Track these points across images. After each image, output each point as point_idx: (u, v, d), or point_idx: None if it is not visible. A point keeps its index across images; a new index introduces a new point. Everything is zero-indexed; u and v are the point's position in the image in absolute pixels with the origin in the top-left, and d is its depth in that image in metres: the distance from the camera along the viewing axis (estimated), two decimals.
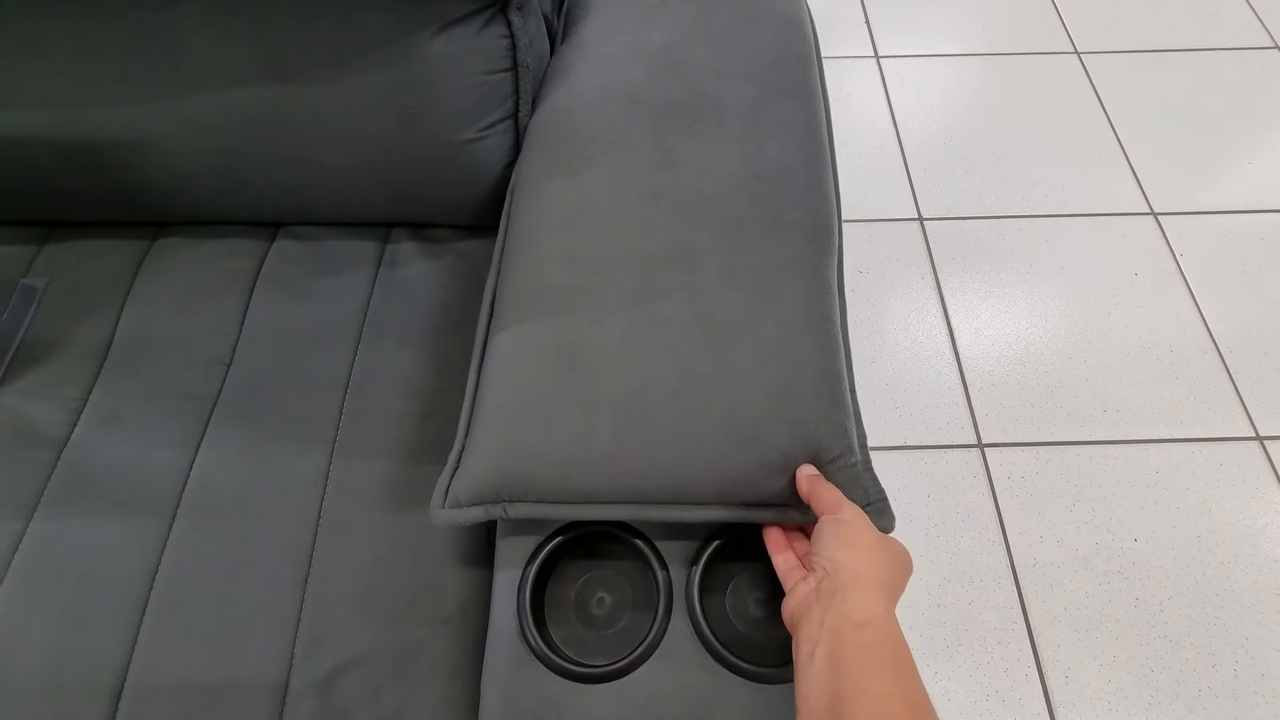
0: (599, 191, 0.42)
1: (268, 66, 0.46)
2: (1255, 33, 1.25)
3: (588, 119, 0.46)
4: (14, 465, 0.47)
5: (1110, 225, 1.05)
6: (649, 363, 0.37)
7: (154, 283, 0.55)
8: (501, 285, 0.43)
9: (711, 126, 0.44)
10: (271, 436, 0.48)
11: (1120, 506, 0.85)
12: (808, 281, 0.39)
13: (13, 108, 0.47)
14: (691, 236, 0.40)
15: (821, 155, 0.45)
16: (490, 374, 0.40)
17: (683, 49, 0.48)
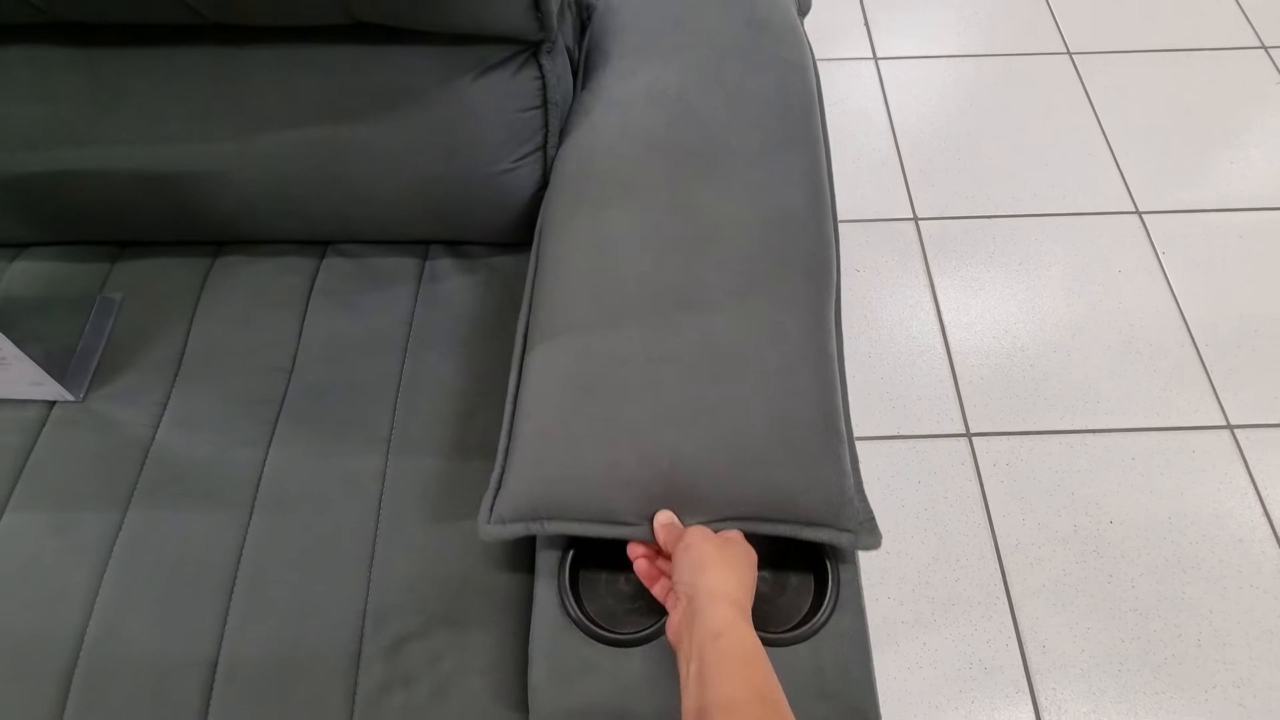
0: (619, 232, 0.47)
1: (326, 108, 0.51)
2: (1243, 32, 1.29)
3: (609, 164, 0.51)
4: (108, 464, 0.54)
5: (1097, 224, 1.11)
6: (665, 395, 0.42)
7: (219, 297, 0.61)
8: (533, 320, 0.49)
9: (722, 172, 0.49)
10: (333, 437, 0.54)
11: (1097, 491, 0.91)
12: (808, 320, 0.44)
13: (99, 144, 0.52)
14: (703, 276, 0.45)
15: (822, 200, 0.50)
16: (524, 403, 0.45)
17: (695, 95, 0.53)
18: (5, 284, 0.62)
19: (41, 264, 0.63)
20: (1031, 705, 0.80)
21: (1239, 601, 0.85)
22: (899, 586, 0.87)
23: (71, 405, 0.57)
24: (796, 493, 0.42)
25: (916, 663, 0.82)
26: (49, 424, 0.56)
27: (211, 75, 0.51)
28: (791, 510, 0.42)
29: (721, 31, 0.56)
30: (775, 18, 0.57)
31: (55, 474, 0.54)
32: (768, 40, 0.56)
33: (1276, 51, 1.26)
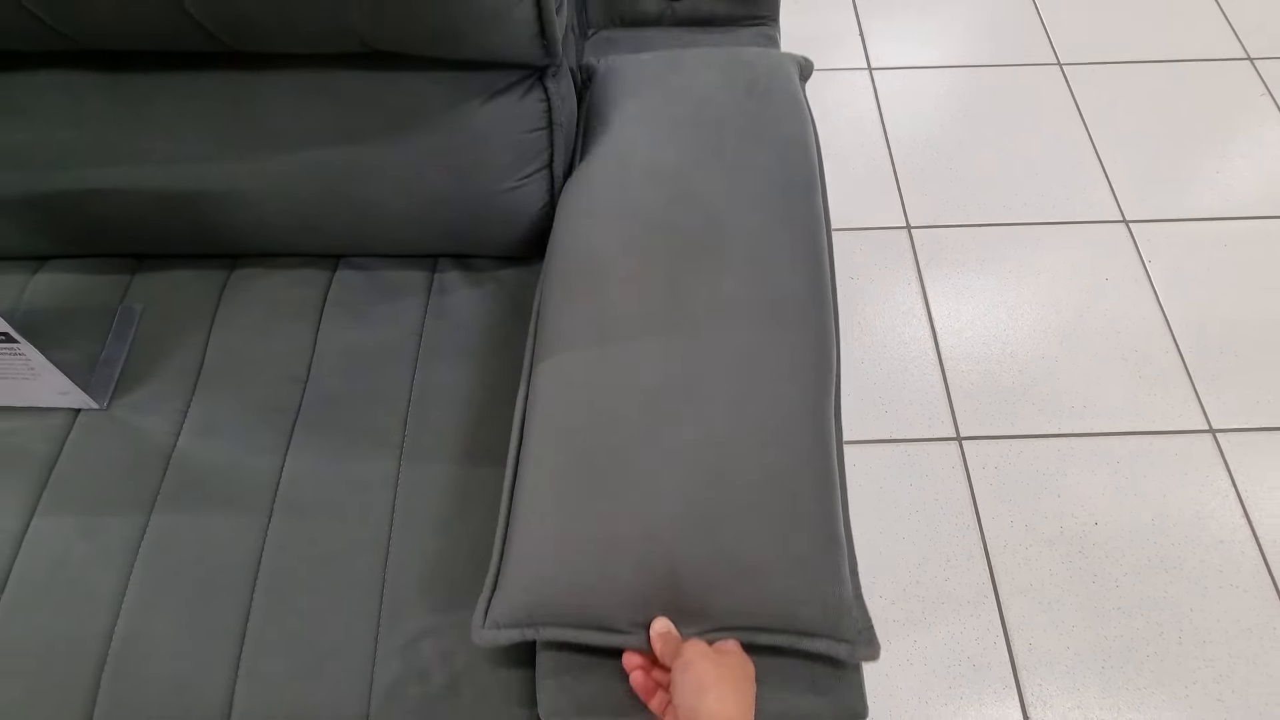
0: (618, 323, 0.47)
1: (340, 130, 0.54)
2: (1229, 44, 1.32)
3: (607, 246, 0.51)
4: (132, 470, 0.56)
5: (1085, 233, 1.13)
6: (663, 498, 0.42)
7: (235, 309, 0.63)
8: (530, 410, 0.48)
9: (722, 258, 0.49)
10: (347, 444, 0.57)
11: (1083, 493, 0.94)
12: (808, 420, 0.44)
13: (123, 164, 0.55)
14: (703, 372, 0.45)
15: (823, 289, 0.50)
16: (520, 501, 0.45)
17: (695, 171, 0.53)
18: (29, 295, 0.65)
19: (64, 276, 0.65)
20: (1018, 701, 0.83)
21: (1219, 600, 0.87)
22: (890, 586, 0.89)
23: (96, 413, 0.59)
24: (796, 604, 0.42)
25: (907, 659, 0.85)
26: (74, 431, 0.58)
27: (231, 98, 0.53)
28: (790, 621, 0.42)
29: (722, 102, 0.56)
30: (776, 87, 0.57)
31: (81, 480, 0.56)
32: (769, 112, 0.56)
33: (1261, 63, 1.29)
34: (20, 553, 0.53)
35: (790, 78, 0.58)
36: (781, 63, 0.59)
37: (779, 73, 0.58)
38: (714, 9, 0.73)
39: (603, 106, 0.59)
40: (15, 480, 0.56)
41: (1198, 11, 1.35)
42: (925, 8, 1.38)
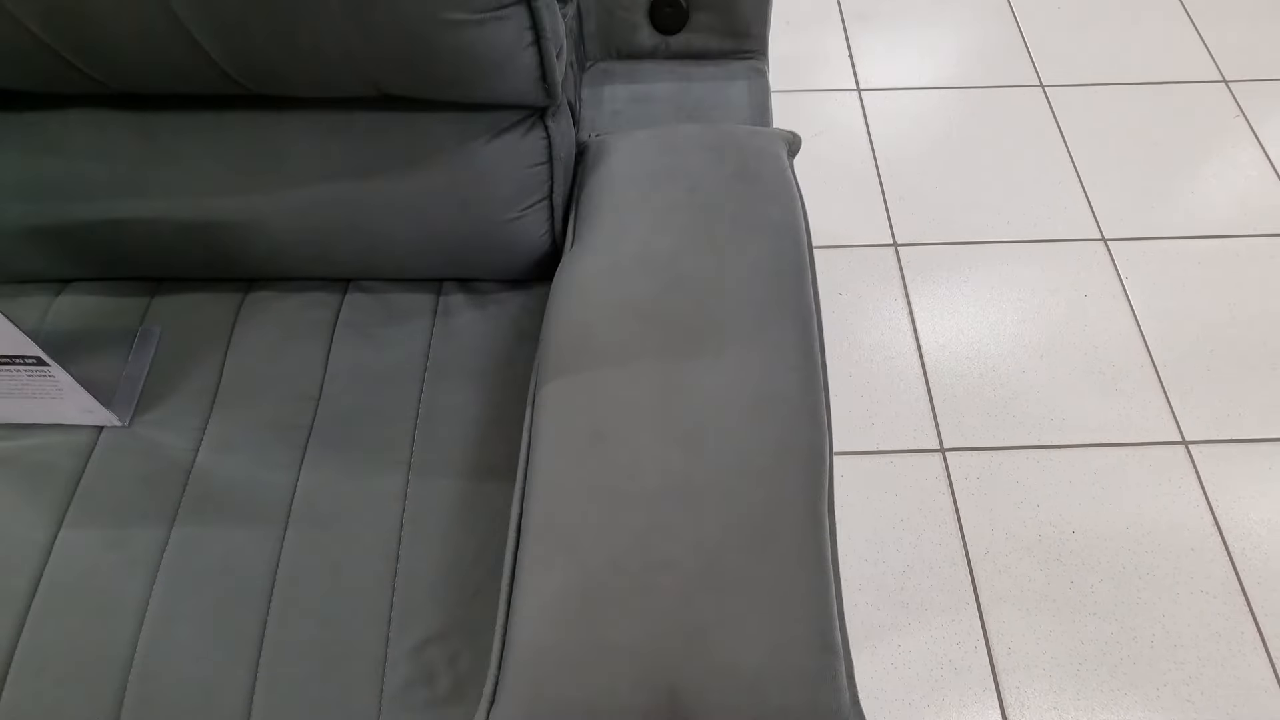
0: (614, 424, 0.49)
1: (355, 167, 0.57)
2: (1205, 67, 1.36)
3: (601, 339, 0.52)
4: (154, 484, 0.59)
5: (1065, 250, 1.18)
6: (661, 612, 0.43)
7: (250, 330, 0.66)
8: (526, 514, 0.49)
9: (713, 350, 0.50)
10: (359, 460, 0.60)
11: (1061, 503, 0.98)
12: (804, 521, 0.45)
13: (148, 197, 0.58)
14: (697, 473, 0.46)
15: (815, 381, 0.51)
16: (518, 613, 0.46)
17: (687, 260, 0.54)
18: (53, 316, 0.68)
19: (85, 298, 0.69)
20: (998, 703, 0.86)
21: (1190, 606, 0.91)
22: (876, 593, 0.93)
23: (118, 430, 0.62)
24: (794, 717, 0.42)
25: (891, 664, 0.88)
26: (98, 447, 0.61)
27: (252, 136, 0.57)
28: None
29: (713, 186, 0.58)
30: (766, 169, 0.59)
31: (106, 493, 0.59)
32: (759, 197, 0.58)
33: (1236, 85, 1.34)
34: (49, 563, 0.57)
35: (779, 158, 0.61)
36: (771, 143, 0.62)
37: (768, 154, 0.60)
38: (706, 44, 0.77)
39: (596, 189, 0.60)
40: (43, 494, 0.59)
41: (1175, 35, 1.40)
42: (913, 30, 1.42)
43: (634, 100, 0.76)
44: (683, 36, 0.77)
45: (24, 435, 0.62)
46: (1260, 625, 0.90)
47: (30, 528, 0.58)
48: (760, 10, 0.75)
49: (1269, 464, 1.00)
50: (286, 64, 0.48)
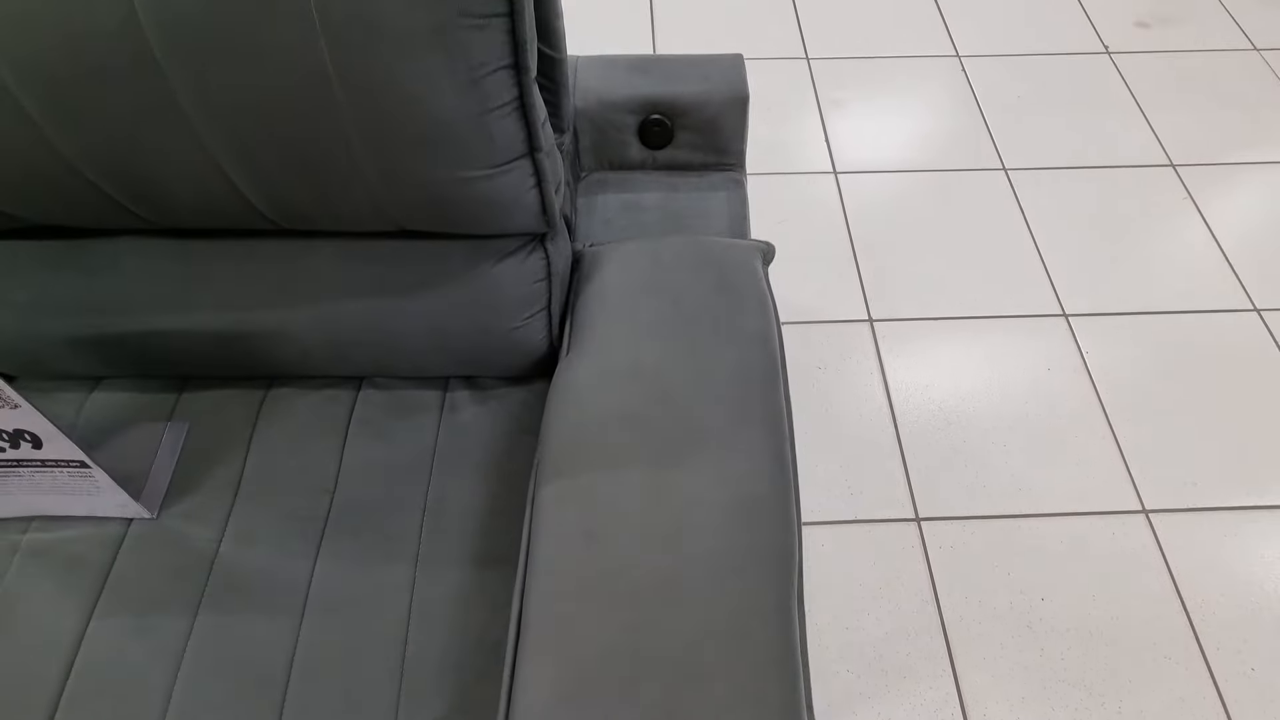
0: (605, 524, 0.55)
1: (375, 287, 0.64)
2: (1154, 152, 1.47)
3: (594, 446, 0.58)
4: (180, 574, 0.64)
5: (1029, 325, 1.26)
6: (648, 703, 0.47)
7: (272, 426, 0.72)
8: (525, 612, 0.53)
9: (694, 454, 0.56)
10: (370, 551, 0.65)
11: (1031, 570, 1.03)
12: (773, 617, 0.50)
13: (185, 313, 0.64)
14: (680, 571, 0.52)
15: (786, 485, 0.56)
16: (518, 703, 0.50)
17: (670, 370, 0.61)
18: (88, 410, 0.73)
19: (117, 394, 0.74)
20: None
21: (1154, 672, 0.96)
22: (857, 661, 0.97)
23: (147, 522, 0.67)
24: None
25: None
26: (128, 539, 0.66)
27: (282, 261, 0.64)
28: None
29: (695, 299, 0.65)
30: (743, 282, 0.66)
31: (135, 584, 0.64)
32: (736, 309, 0.65)
33: (1183, 169, 1.45)
34: (80, 651, 0.61)
35: (755, 271, 0.68)
36: (748, 255, 0.69)
37: (745, 267, 0.68)
38: (690, 158, 0.86)
39: (589, 299, 0.68)
40: (76, 584, 0.64)
41: (1127, 123, 1.51)
42: (885, 116, 1.53)
43: (624, 209, 0.84)
44: (669, 151, 0.86)
45: (59, 528, 0.67)
46: (1221, 690, 0.95)
47: (63, 617, 0.62)
48: (738, 131, 0.84)
49: (1224, 532, 1.06)
50: (321, 212, 0.55)
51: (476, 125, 0.51)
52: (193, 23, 0.43)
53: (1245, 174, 1.44)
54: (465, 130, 0.51)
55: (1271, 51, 1.63)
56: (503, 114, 0.52)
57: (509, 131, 0.54)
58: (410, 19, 0.44)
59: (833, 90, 1.57)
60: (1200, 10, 1.71)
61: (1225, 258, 1.33)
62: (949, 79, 1.59)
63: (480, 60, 0.48)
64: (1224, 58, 1.62)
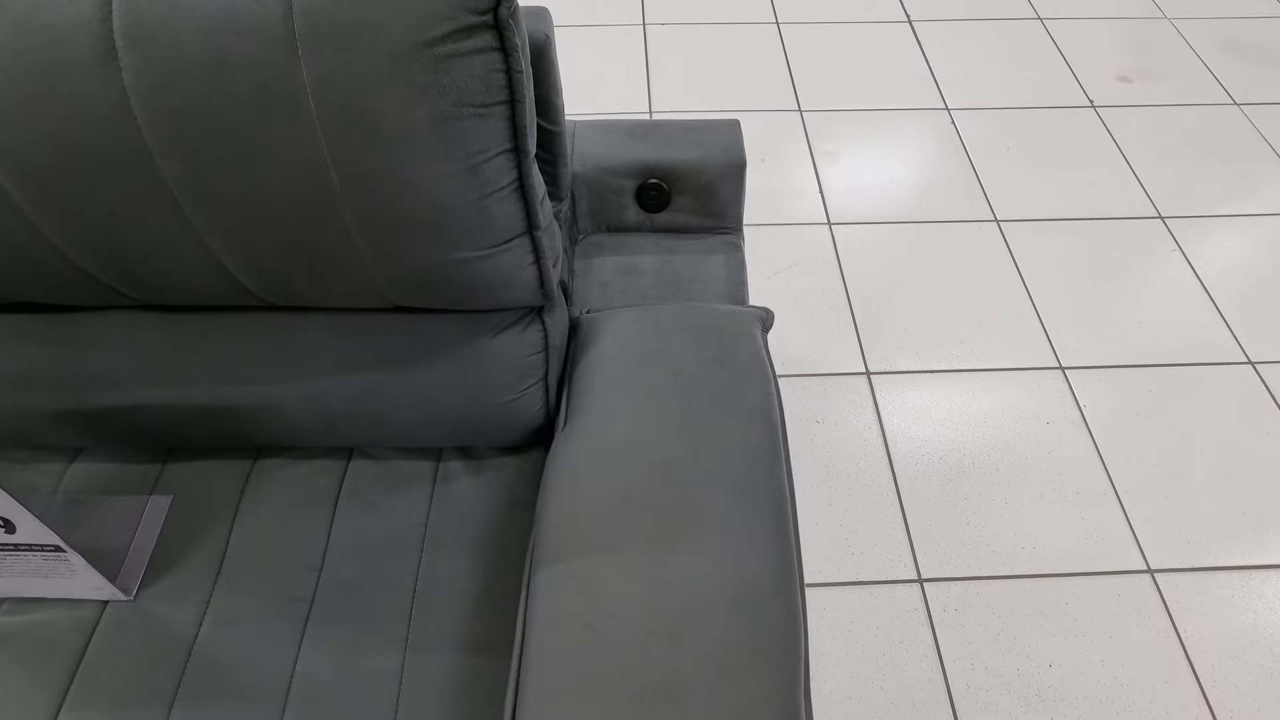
0: (603, 611, 0.52)
1: (368, 360, 0.63)
2: (1143, 205, 1.49)
3: (591, 530, 0.56)
4: (156, 662, 0.61)
5: (1026, 378, 1.25)
6: None
7: (258, 498, 0.70)
8: (520, 710, 0.51)
9: (695, 538, 0.54)
10: (357, 636, 0.62)
11: (1036, 634, 1.01)
12: (780, 713, 0.48)
13: (173, 387, 0.63)
14: (682, 669, 0.50)
15: (789, 569, 0.54)
16: None
17: (670, 446, 0.59)
18: (67, 482, 0.71)
19: (99, 465, 0.72)
20: None
21: None
22: None
23: (124, 604, 0.64)
24: None
25: None
26: (102, 623, 0.63)
27: (271, 336, 0.62)
28: None
29: (694, 371, 0.63)
30: (742, 354, 0.65)
31: (108, 671, 0.61)
32: (736, 382, 0.63)
33: (1171, 220, 1.47)
34: None
35: (755, 340, 0.67)
36: (747, 324, 0.69)
37: (745, 336, 0.67)
38: (687, 221, 0.85)
39: (586, 370, 0.66)
40: (46, 672, 0.61)
41: (1114, 177, 1.54)
42: (878, 169, 1.55)
43: (622, 272, 0.83)
44: (666, 214, 0.86)
45: (29, 610, 0.64)
46: None
47: (30, 709, 0.59)
48: (735, 195, 0.84)
49: (1230, 593, 1.05)
50: (314, 292, 0.54)
51: (475, 209, 0.50)
52: (187, 113, 0.42)
53: (1232, 226, 1.46)
54: (464, 215, 0.50)
55: (1250, 106, 1.67)
56: (502, 196, 0.51)
57: (508, 212, 0.53)
58: (409, 111, 0.43)
59: (826, 142, 1.59)
60: (1180, 66, 1.75)
61: (1217, 310, 1.34)
62: (939, 132, 1.62)
63: (480, 147, 0.48)
64: (1205, 111, 1.66)
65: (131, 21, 0.39)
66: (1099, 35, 1.82)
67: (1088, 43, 1.80)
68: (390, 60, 0.42)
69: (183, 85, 0.40)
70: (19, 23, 0.39)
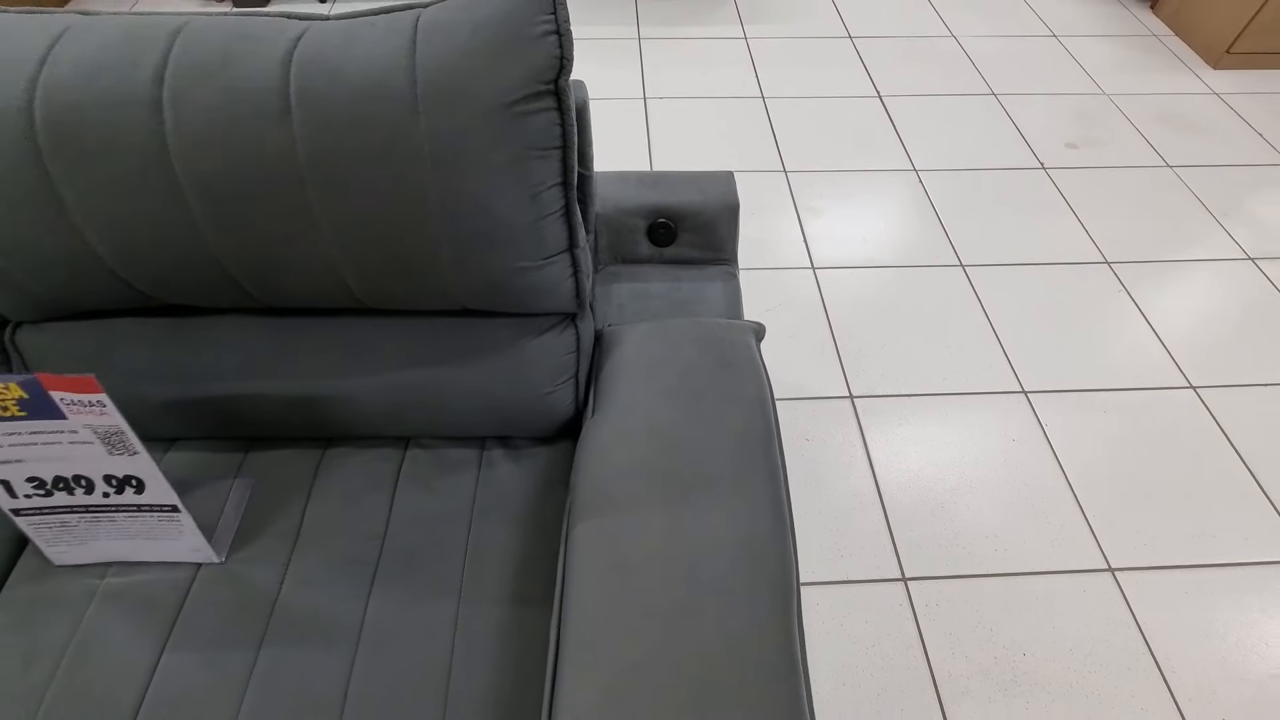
0: (629, 559, 0.64)
1: (432, 357, 0.76)
2: (1090, 251, 1.68)
3: (618, 494, 0.68)
4: (244, 613, 0.71)
5: (993, 401, 1.39)
6: (673, 708, 0.55)
7: (328, 481, 0.81)
8: (563, 634, 0.62)
9: (704, 501, 0.66)
10: (417, 591, 0.73)
11: (1011, 626, 1.11)
12: (778, 636, 0.59)
13: (264, 379, 0.75)
14: (698, 598, 0.61)
15: (783, 527, 0.66)
16: (560, 713, 0.58)
17: (682, 428, 0.71)
18: (165, 467, 0.82)
19: (190, 453, 0.84)
20: None
21: None
22: (854, 717, 1.02)
23: (215, 566, 0.75)
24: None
25: None
26: (196, 582, 0.74)
27: (354, 338, 0.76)
28: None
29: (700, 372, 0.76)
30: (739, 357, 0.79)
31: (203, 622, 0.71)
32: (735, 379, 0.76)
33: (1116, 265, 1.65)
34: (152, 682, 0.67)
35: (750, 347, 0.81)
36: (743, 334, 0.83)
37: (741, 344, 0.81)
38: (690, 254, 1.01)
39: (610, 372, 0.80)
40: (149, 623, 0.71)
41: (1065, 228, 1.73)
42: (855, 222, 1.74)
43: (635, 296, 0.98)
44: (673, 249, 1.01)
45: (133, 573, 0.75)
46: None
47: (138, 652, 0.69)
48: (730, 232, 1.00)
49: (1184, 589, 1.15)
50: (406, 296, 0.68)
51: (533, 228, 0.65)
52: (337, 154, 0.57)
53: (1170, 269, 1.64)
54: (524, 232, 0.65)
55: (1181, 168, 1.89)
56: (552, 219, 0.67)
57: (555, 232, 0.68)
58: (495, 152, 0.59)
59: (809, 199, 1.78)
60: (1119, 134, 1.99)
61: (1161, 342, 1.50)
62: (909, 189, 1.82)
63: (540, 181, 0.63)
64: (1142, 172, 1.87)
65: (302, 87, 0.55)
66: (1047, 109, 2.06)
67: (1037, 115, 2.04)
68: (482, 117, 0.58)
69: (335, 135, 0.55)
70: (226, 88, 0.54)
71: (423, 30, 0.57)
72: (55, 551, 0.74)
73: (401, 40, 0.57)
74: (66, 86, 0.55)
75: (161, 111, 0.55)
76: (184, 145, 0.56)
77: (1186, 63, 2.23)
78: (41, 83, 0.55)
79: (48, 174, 0.57)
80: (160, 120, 0.55)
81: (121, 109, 0.55)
